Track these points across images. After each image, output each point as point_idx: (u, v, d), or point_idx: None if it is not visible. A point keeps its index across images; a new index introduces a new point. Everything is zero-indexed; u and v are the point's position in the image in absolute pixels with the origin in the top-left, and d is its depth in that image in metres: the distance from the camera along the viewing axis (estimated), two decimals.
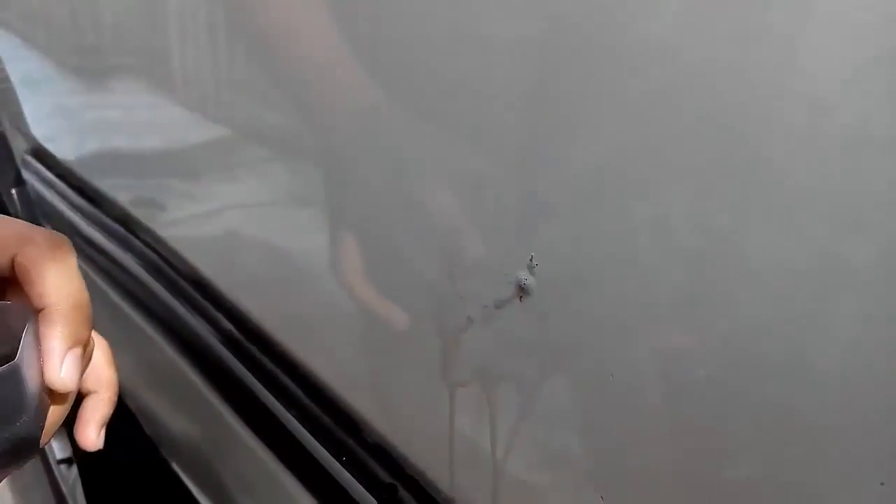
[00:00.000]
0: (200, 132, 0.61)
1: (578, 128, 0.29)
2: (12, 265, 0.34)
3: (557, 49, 0.29)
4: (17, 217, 0.95)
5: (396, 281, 0.42)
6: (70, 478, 1.01)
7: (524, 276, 0.32)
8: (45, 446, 0.36)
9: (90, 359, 0.37)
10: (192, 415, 0.68)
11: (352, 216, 0.44)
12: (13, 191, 1.03)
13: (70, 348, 0.33)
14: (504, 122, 0.32)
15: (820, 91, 0.22)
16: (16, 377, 0.30)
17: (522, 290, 0.33)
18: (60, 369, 0.33)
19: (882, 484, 0.23)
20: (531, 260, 0.32)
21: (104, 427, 0.39)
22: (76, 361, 0.34)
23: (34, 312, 0.33)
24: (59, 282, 0.34)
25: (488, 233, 0.34)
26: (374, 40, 0.38)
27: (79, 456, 0.98)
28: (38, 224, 0.37)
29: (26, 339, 0.31)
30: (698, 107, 0.25)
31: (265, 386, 0.54)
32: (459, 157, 0.35)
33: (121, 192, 0.80)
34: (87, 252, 0.80)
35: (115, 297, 0.72)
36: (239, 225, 0.59)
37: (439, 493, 0.41)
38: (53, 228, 0.93)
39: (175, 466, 0.73)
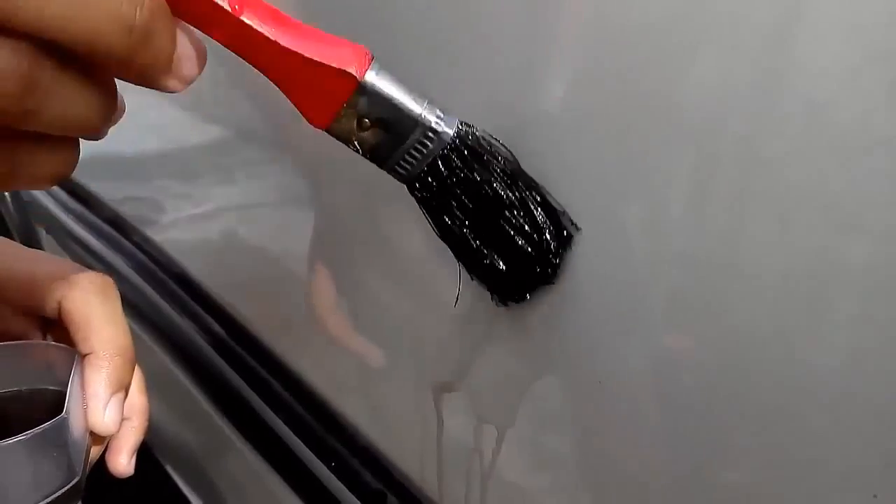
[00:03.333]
0: (193, 134, 0.61)
1: (570, 123, 0.29)
2: (58, 307, 0.34)
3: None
4: (10, 220, 0.94)
5: (384, 287, 0.41)
6: None
7: None
8: None
9: (128, 393, 0.37)
10: (184, 418, 0.68)
11: (345, 216, 0.44)
12: (6, 193, 1.02)
13: (114, 394, 0.34)
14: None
15: (818, 91, 0.22)
16: (63, 429, 0.31)
17: None
18: (104, 415, 0.33)
19: (875, 496, 0.22)
20: None
21: (135, 454, 0.40)
22: (119, 406, 0.35)
23: (80, 356, 0.34)
24: (104, 328, 0.35)
25: None
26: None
27: None
28: (33, 230, 0.38)
29: (72, 387, 0.32)
30: (695, 106, 0.24)
31: (255, 390, 0.54)
32: None
33: (112, 194, 0.80)
34: (80, 254, 0.80)
35: None
36: (230, 228, 0.59)
37: (428, 499, 0.41)
38: (46, 231, 0.94)
39: (169, 469, 0.73)
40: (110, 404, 0.34)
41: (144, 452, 0.76)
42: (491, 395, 0.35)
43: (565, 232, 0.29)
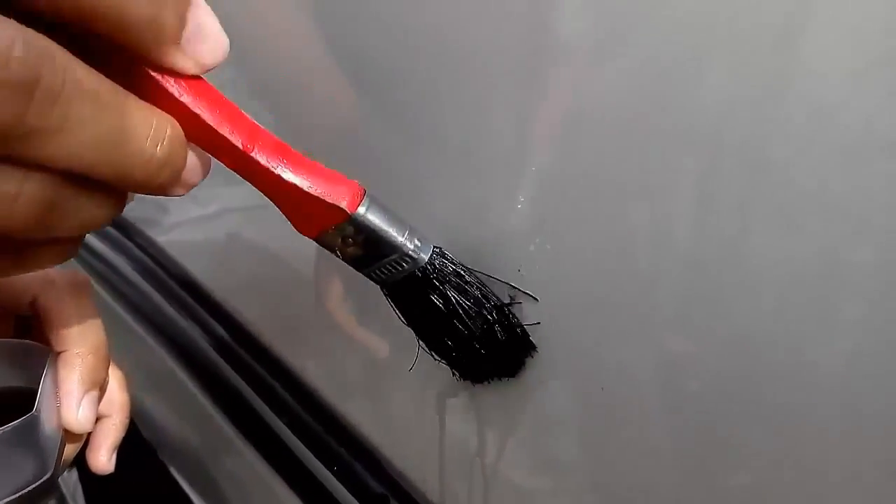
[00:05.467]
0: None
1: (576, 129, 0.29)
2: (33, 305, 0.35)
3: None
4: None
5: None
6: (71, 481, 1.01)
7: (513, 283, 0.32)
8: None
9: (105, 391, 0.37)
10: (187, 420, 0.68)
11: None
12: None
13: (87, 391, 0.34)
14: (493, 136, 0.32)
15: (823, 93, 0.22)
16: (35, 426, 0.31)
17: (511, 298, 0.32)
18: (77, 413, 0.34)
19: (882, 499, 0.22)
20: (519, 270, 0.32)
21: (115, 451, 0.40)
22: (93, 404, 0.35)
23: (53, 354, 0.34)
24: (78, 325, 0.35)
25: (475, 243, 0.34)
26: (361, 49, 0.38)
27: (80, 460, 0.98)
28: None
29: (45, 384, 0.32)
30: (700, 110, 0.24)
31: (257, 392, 0.54)
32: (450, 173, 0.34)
33: None
34: (83, 256, 0.80)
35: (109, 301, 0.72)
36: (234, 230, 0.59)
37: (430, 503, 0.41)
38: None
39: (173, 471, 0.73)
40: (84, 402, 0.34)
41: (148, 454, 0.76)
42: (493, 398, 0.35)
43: (527, 345, 0.32)
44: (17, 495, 0.31)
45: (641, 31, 0.26)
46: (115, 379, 0.41)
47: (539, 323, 0.32)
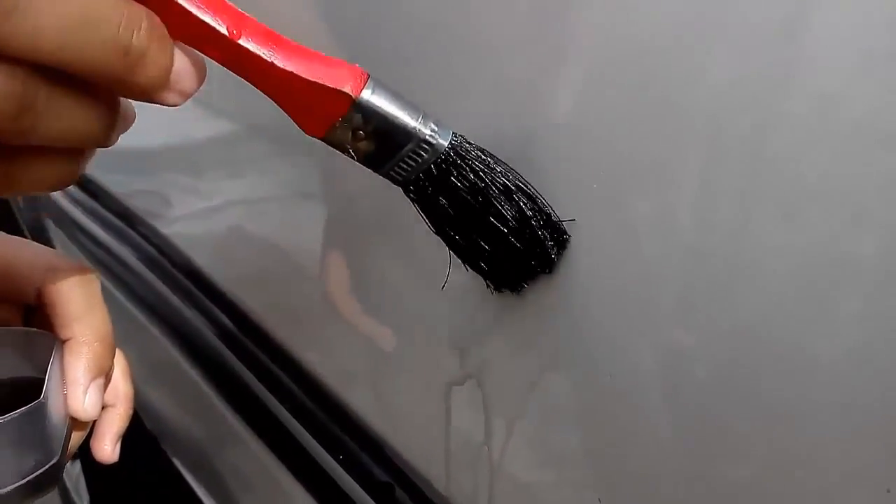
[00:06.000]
0: (202, 128, 0.61)
1: (577, 123, 0.29)
2: (39, 293, 0.35)
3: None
4: (19, 212, 0.95)
5: (394, 279, 0.41)
6: (74, 473, 1.01)
7: None
8: None
9: (110, 379, 0.37)
10: (192, 411, 0.68)
11: (354, 209, 0.44)
12: None
13: (94, 379, 0.34)
14: (494, 126, 0.32)
15: (826, 86, 0.22)
16: (41, 413, 0.31)
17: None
18: (84, 400, 0.34)
19: (888, 491, 0.22)
20: None
21: (120, 440, 0.40)
22: (99, 392, 0.35)
23: (60, 342, 0.34)
24: (84, 314, 0.35)
25: None
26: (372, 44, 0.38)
27: (83, 451, 0.99)
28: (42, 222, 0.38)
29: (52, 372, 0.32)
30: (703, 102, 0.24)
31: (262, 382, 0.54)
32: None
33: (121, 187, 0.80)
34: (88, 247, 0.80)
35: (115, 291, 0.72)
36: (238, 221, 0.59)
37: (435, 492, 0.41)
38: (55, 223, 0.94)
39: (176, 462, 0.73)
40: (90, 390, 0.34)
41: (152, 444, 0.76)
42: (500, 388, 0.35)
43: (560, 231, 0.30)
44: (24, 481, 0.31)
45: (643, 19, 0.26)
46: (119, 368, 0.41)
47: (574, 220, 0.29)
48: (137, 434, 0.79)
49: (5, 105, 0.20)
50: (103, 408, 0.40)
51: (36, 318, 0.37)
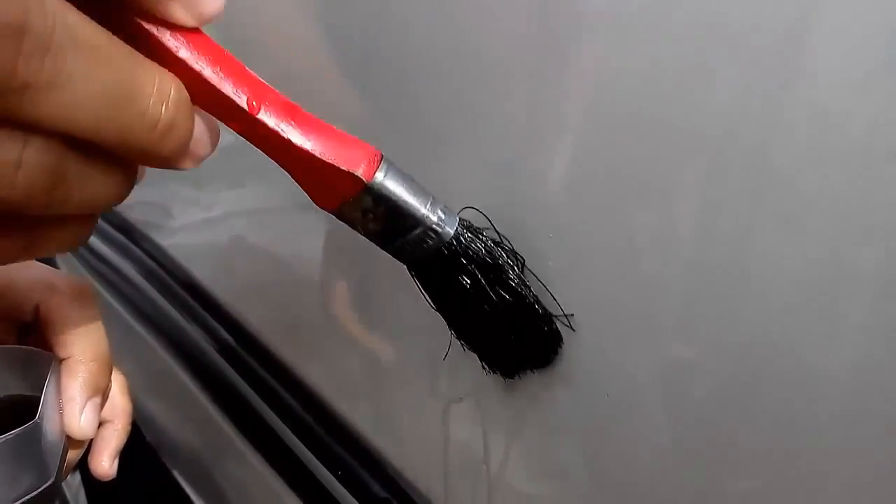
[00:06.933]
0: None
1: (578, 133, 0.29)
2: (36, 311, 0.35)
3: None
4: None
5: (394, 295, 0.41)
6: (74, 484, 1.01)
7: None
8: None
9: (107, 398, 0.37)
10: (190, 423, 0.68)
11: None
12: None
13: (90, 398, 0.34)
14: (501, 139, 0.32)
15: (828, 100, 0.22)
16: (37, 434, 0.31)
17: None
18: (80, 419, 0.34)
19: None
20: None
21: (118, 457, 0.40)
22: (95, 410, 0.35)
23: (56, 361, 0.34)
24: (81, 332, 0.35)
25: None
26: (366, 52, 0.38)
27: (82, 464, 0.98)
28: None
29: (48, 391, 0.32)
30: (706, 116, 0.24)
31: (262, 396, 0.54)
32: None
33: None
34: (88, 260, 0.80)
35: (114, 304, 0.72)
36: (239, 233, 0.59)
37: None
38: None
39: (176, 474, 0.73)
40: (86, 409, 0.34)
41: (151, 457, 0.76)
42: (498, 405, 0.35)
43: (558, 338, 0.31)
44: (19, 502, 0.31)
45: (648, 36, 0.26)
46: (117, 384, 0.41)
47: (573, 315, 0.30)
48: (137, 446, 0.78)
49: (40, 179, 0.19)
50: (101, 424, 0.40)
51: (32, 337, 0.37)
